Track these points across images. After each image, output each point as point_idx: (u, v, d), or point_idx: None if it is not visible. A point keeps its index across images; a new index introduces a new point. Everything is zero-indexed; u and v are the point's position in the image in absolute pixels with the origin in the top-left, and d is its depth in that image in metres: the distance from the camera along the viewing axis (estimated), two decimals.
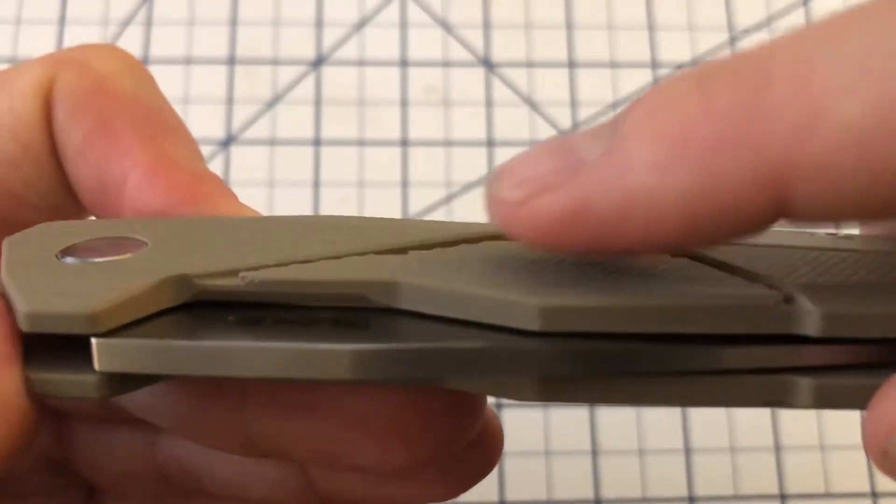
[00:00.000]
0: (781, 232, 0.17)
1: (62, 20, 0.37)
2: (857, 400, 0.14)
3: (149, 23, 0.38)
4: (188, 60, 0.37)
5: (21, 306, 0.14)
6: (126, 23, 0.37)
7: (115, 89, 0.19)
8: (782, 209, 0.12)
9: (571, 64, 0.38)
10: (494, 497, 0.32)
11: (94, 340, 0.14)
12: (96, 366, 0.14)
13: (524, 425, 0.33)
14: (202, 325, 0.14)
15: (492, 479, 0.32)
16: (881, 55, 0.12)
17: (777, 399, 0.14)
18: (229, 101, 0.37)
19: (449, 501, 0.32)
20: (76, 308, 0.13)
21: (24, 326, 0.14)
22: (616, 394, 0.14)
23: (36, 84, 0.19)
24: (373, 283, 0.14)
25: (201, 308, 0.15)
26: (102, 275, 0.15)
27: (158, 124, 0.19)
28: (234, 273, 0.15)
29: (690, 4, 0.39)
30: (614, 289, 0.14)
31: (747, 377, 0.14)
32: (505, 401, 0.33)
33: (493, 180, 0.14)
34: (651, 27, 0.39)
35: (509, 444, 0.33)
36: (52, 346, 0.14)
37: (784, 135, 0.12)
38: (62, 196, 0.19)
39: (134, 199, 0.18)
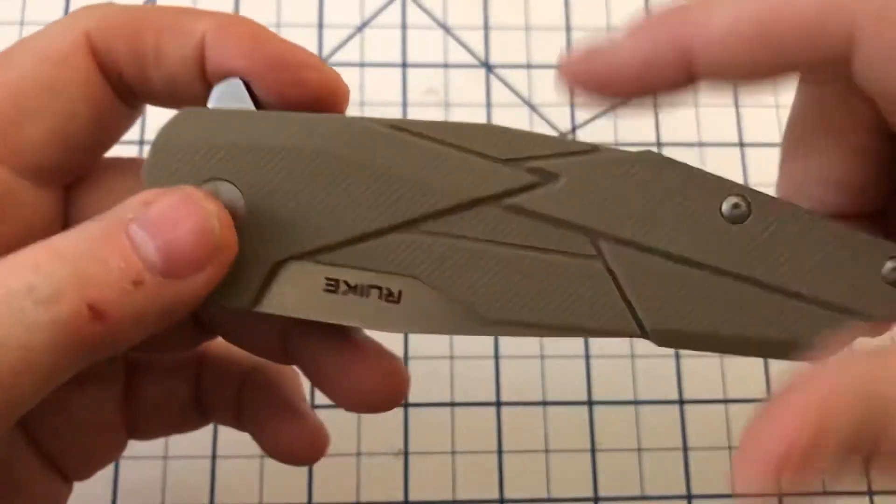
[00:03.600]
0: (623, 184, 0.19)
1: None
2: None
3: None
4: None
5: None
6: None
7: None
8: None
9: None
10: (495, 494, 0.32)
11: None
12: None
13: (523, 424, 0.33)
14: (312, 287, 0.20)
15: (492, 476, 0.33)
16: None
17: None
18: None
19: (450, 498, 0.32)
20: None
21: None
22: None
23: (69, 27, 0.21)
24: (406, 277, 0.20)
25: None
26: None
27: None
28: (318, 252, 0.20)
29: None
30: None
31: None
32: (504, 400, 0.34)
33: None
34: None
35: (509, 442, 0.33)
36: None
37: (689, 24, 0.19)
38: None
39: (213, 55, 0.20)
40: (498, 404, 0.34)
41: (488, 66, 0.38)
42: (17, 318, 0.16)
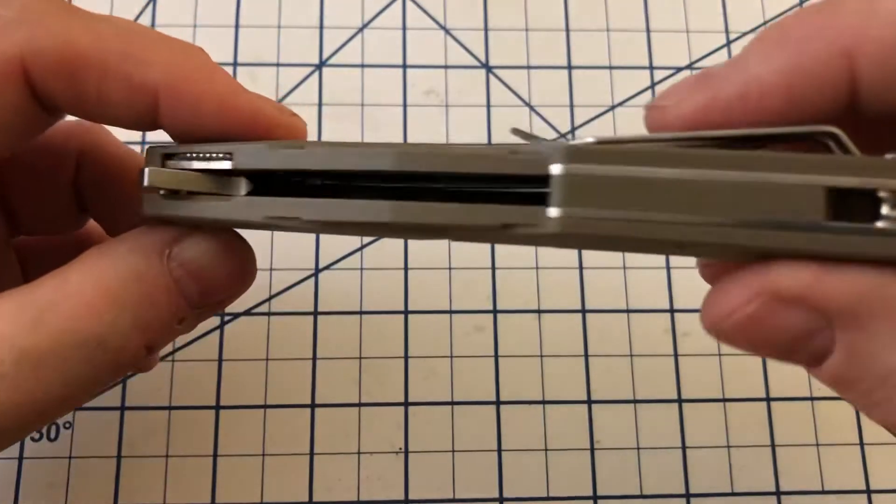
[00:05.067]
0: None
1: None
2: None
3: (153, 26, 0.38)
4: None
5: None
6: None
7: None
8: (853, 82, 0.17)
9: (569, 67, 0.39)
10: (494, 493, 0.33)
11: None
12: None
13: (523, 422, 0.34)
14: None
15: (492, 475, 0.33)
16: None
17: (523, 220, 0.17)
18: None
19: (450, 497, 0.32)
20: None
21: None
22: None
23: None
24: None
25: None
26: None
27: None
28: None
29: (687, 8, 0.40)
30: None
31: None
32: (503, 399, 0.34)
33: (654, 98, 0.19)
34: (647, 30, 0.40)
35: (508, 441, 0.33)
36: None
37: (850, 20, 0.16)
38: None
39: (172, 119, 0.20)
40: (497, 403, 0.34)
41: (488, 67, 0.39)
42: (88, 363, 0.19)
